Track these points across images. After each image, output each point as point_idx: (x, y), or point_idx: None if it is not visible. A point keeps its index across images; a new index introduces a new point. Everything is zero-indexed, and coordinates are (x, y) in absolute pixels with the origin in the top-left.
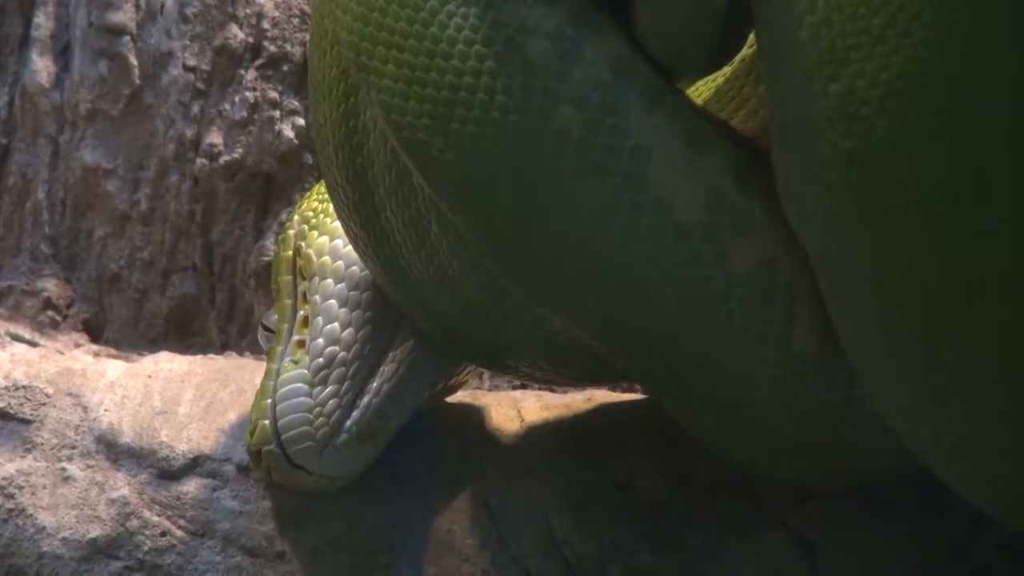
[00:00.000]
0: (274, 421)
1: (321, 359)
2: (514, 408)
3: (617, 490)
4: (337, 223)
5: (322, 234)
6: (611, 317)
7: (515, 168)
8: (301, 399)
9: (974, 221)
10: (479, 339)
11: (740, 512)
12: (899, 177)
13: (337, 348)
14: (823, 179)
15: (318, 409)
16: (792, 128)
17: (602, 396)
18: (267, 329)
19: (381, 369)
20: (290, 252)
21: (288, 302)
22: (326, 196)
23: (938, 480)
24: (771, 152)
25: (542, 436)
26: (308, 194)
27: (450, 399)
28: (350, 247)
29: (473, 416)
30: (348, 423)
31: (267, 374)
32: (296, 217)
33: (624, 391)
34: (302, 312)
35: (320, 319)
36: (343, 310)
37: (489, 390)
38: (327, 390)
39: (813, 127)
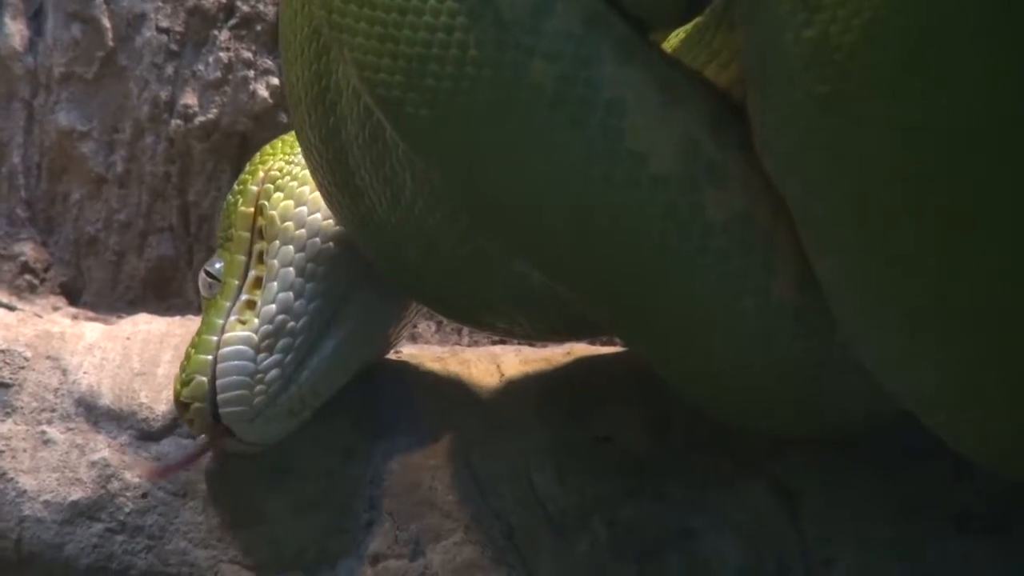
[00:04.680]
0: (212, 379)
1: (271, 326)
2: (493, 363)
3: (598, 444)
4: (303, 187)
5: (287, 198)
6: (588, 270)
7: (490, 123)
8: (245, 363)
9: (949, 163)
10: (456, 296)
11: (721, 463)
12: (874, 121)
13: (287, 317)
14: (798, 126)
15: (260, 376)
16: (766, 76)
17: (581, 350)
18: (211, 276)
19: (323, 344)
20: (251, 209)
21: (241, 258)
22: (293, 157)
23: (919, 427)
24: (746, 102)
25: (522, 391)
26: (272, 149)
27: (430, 354)
28: (314, 215)
29: (452, 372)
30: (283, 396)
31: (208, 327)
32: (260, 173)
33: (603, 344)
34: (255, 272)
35: (275, 284)
36: (299, 280)
37: (468, 345)
38: (271, 358)
39: (787, 74)
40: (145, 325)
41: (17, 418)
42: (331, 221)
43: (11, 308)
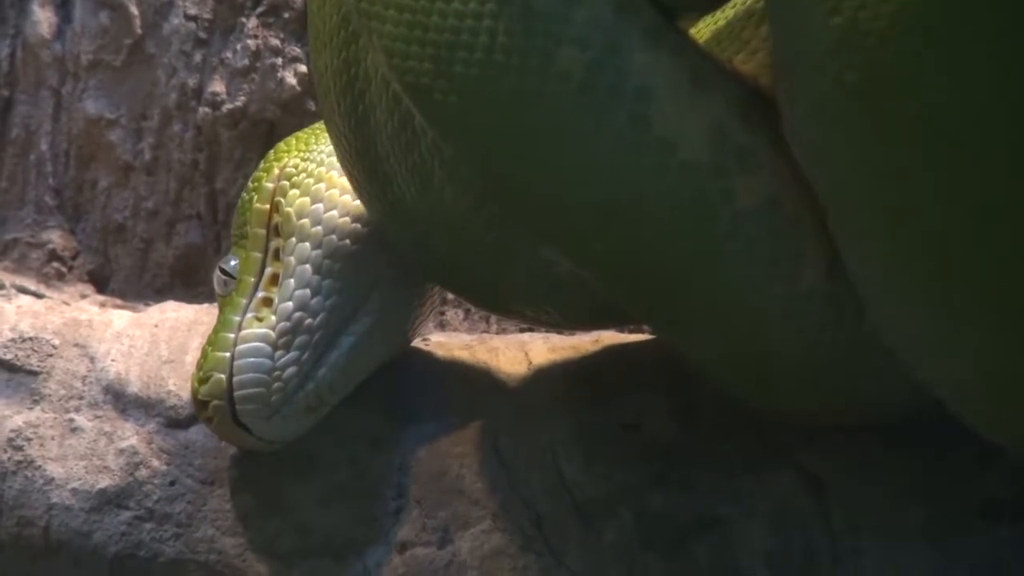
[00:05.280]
0: (230, 377)
1: (288, 323)
2: (522, 351)
3: (626, 432)
4: (319, 184)
5: (304, 195)
6: (617, 257)
7: (519, 110)
8: (262, 360)
9: (979, 150)
10: (485, 284)
11: (749, 451)
12: (904, 108)
13: (304, 314)
14: (827, 114)
15: (277, 373)
16: (795, 64)
17: (609, 337)
18: (226, 274)
19: (340, 341)
20: (267, 206)
21: (257, 255)
22: (308, 154)
23: (946, 414)
24: (775, 89)
25: (550, 379)
26: (287, 146)
27: (458, 342)
28: (331, 213)
29: (480, 359)
30: (300, 393)
31: (225, 324)
32: (276, 170)
33: (631, 332)
34: (271, 269)
35: (292, 282)
36: (315, 277)
37: (496, 333)
38: (288, 355)
39: (816, 62)
40: (173, 313)
41: (45, 406)
42: (348, 219)
43: (39, 296)
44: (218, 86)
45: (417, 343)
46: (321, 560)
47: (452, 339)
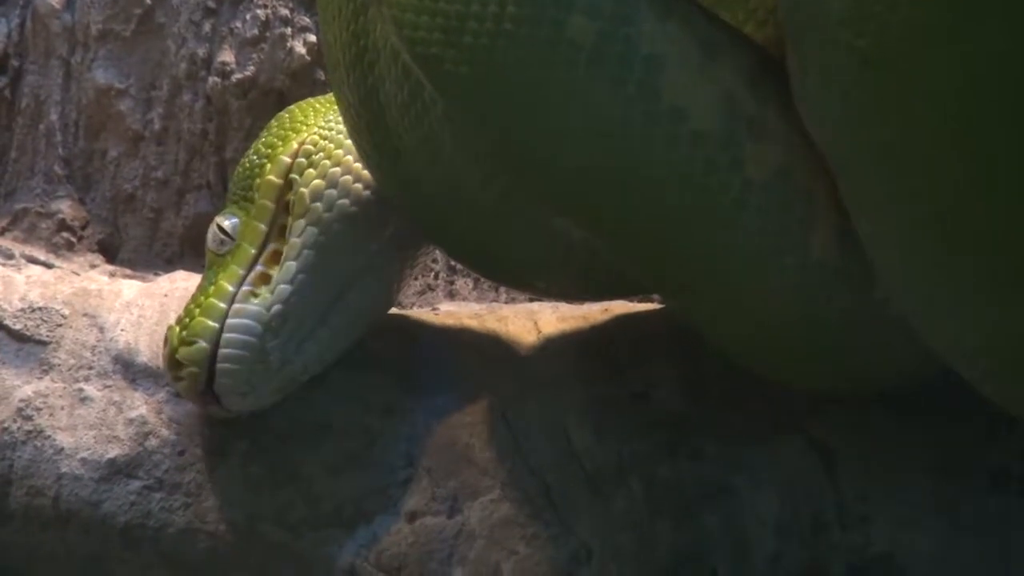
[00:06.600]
0: (215, 349)
1: (282, 306)
2: (531, 320)
3: (635, 401)
4: (335, 168)
5: (320, 177)
6: (628, 227)
7: (529, 80)
8: (252, 339)
9: (991, 116)
10: (496, 255)
11: (758, 420)
12: (914, 75)
13: (300, 299)
14: (838, 81)
15: (263, 354)
16: (806, 31)
17: (619, 307)
18: (223, 232)
19: (318, 332)
20: (280, 180)
21: (262, 227)
22: (327, 132)
23: (956, 385)
24: (786, 58)
25: (559, 348)
26: (304, 116)
27: (467, 311)
28: (343, 200)
29: (490, 329)
30: (277, 376)
31: (217, 291)
32: (294, 144)
33: (640, 301)
34: (275, 246)
35: (294, 264)
36: (318, 263)
37: (506, 303)
38: (277, 339)
39: (827, 29)
40: (183, 282)
41: (54, 375)
42: (356, 208)
43: (48, 265)
44: (227, 56)
45: (427, 312)
46: (330, 529)
47: (461, 308)
